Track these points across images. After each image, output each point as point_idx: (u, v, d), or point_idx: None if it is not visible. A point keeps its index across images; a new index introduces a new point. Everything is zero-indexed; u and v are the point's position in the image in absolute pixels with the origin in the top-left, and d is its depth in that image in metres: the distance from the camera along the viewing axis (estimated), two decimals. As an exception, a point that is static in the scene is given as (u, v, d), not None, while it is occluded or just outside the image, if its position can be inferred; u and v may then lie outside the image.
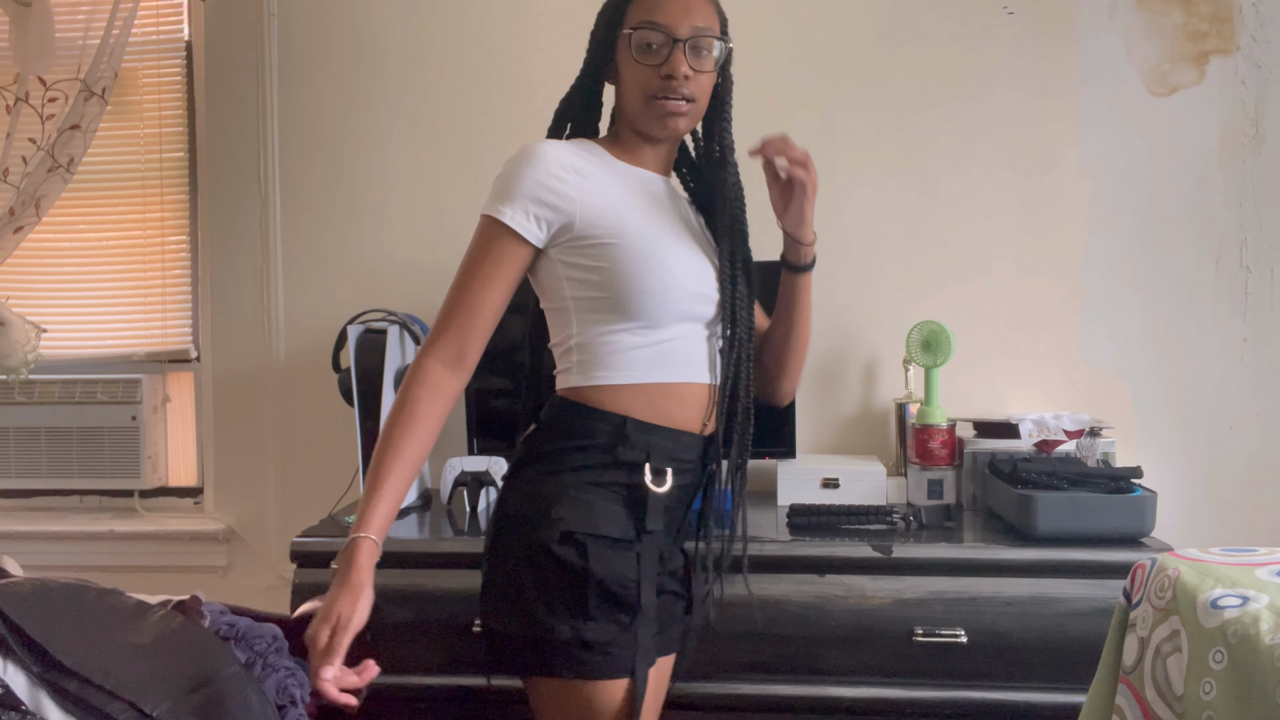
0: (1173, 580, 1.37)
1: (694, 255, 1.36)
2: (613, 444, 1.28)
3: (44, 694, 1.22)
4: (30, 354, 2.40)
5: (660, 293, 1.29)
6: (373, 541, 1.21)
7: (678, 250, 1.33)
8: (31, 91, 2.37)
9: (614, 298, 1.30)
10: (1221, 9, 2.30)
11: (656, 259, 1.29)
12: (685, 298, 1.32)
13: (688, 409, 1.33)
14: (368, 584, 1.19)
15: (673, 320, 1.32)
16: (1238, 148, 2.31)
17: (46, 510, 2.72)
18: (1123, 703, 1.43)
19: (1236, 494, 2.32)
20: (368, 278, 2.54)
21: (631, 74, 1.34)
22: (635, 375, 1.30)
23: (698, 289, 1.34)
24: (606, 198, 1.31)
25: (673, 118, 1.33)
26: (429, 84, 2.53)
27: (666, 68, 1.30)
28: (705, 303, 1.35)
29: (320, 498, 2.46)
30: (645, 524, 1.28)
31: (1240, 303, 2.31)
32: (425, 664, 1.92)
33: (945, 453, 2.16)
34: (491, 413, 2.34)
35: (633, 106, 1.36)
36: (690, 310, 1.34)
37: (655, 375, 1.31)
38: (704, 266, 1.37)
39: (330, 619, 1.15)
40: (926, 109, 2.38)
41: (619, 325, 1.31)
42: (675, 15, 1.30)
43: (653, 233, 1.31)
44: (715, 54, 1.34)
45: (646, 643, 1.26)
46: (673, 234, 1.35)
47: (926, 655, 1.81)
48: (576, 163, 1.31)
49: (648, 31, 1.31)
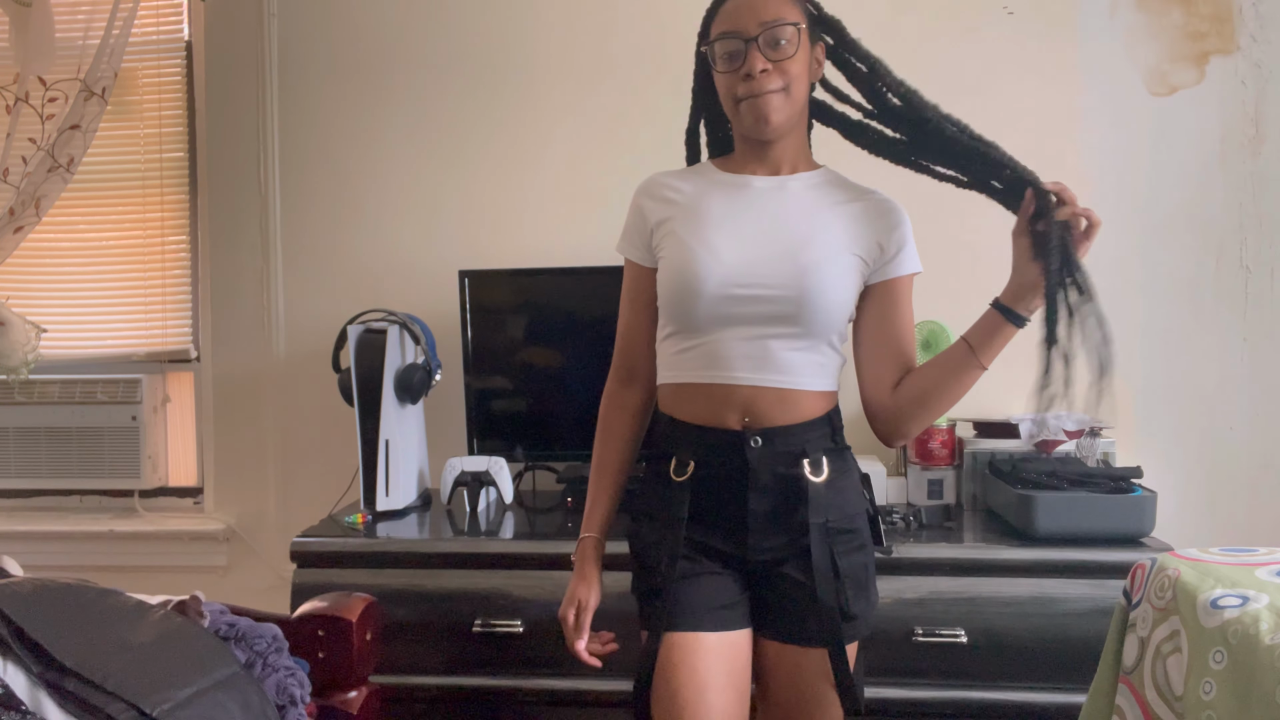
0: (1173, 580, 1.37)
1: (742, 257, 1.36)
2: (661, 437, 1.46)
3: (44, 694, 1.22)
4: (30, 354, 2.40)
5: (688, 302, 1.37)
6: (594, 539, 1.48)
7: (716, 255, 1.36)
8: (31, 91, 2.37)
9: (661, 304, 1.44)
10: (1221, 9, 2.30)
11: (684, 268, 1.38)
12: (710, 302, 1.36)
13: (716, 406, 1.38)
14: (596, 573, 1.47)
15: (703, 324, 1.38)
16: (1238, 148, 2.31)
17: (46, 510, 2.72)
18: (1123, 703, 1.43)
19: (1236, 494, 2.32)
20: (368, 278, 2.54)
21: (722, 85, 1.40)
22: (672, 376, 1.43)
23: (732, 291, 1.35)
24: (673, 213, 1.43)
25: (761, 107, 1.35)
26: (429, 84, 2.53)
27: (745, 68, 1.35)
28: (747, 303, 1.36)
29: (320, 498, 2.46)
30: (671, 508, 1.40)
31: (1240, 303, 2.31)
32: (425, 664, 1.92)
33: (945, 453, 2.16)
34: (491, 413, 2.34)
35: (730, 115, 1.42)
36: (724, 312, 1.36)
37: (686, 376, 1.41)
38: (755, 267, 1.36)
39: (574, 603, 1.45)
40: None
41: (666, 331, 1.44)
42: (744, 18, 1.35)
43: (695, 240, 1.38)
44: (795, 39, 1.35)
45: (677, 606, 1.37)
46: (726, 237, 1.38)
47: (926, 655, 1.81)
48: (664, 188, 1.46)
49: (724, 41, 1.37)
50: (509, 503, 2.23)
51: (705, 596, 1.38)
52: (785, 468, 1.37)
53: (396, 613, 1.90)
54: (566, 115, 2.48)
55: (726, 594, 1.40)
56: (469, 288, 2.32)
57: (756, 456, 1.36)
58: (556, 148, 2.49)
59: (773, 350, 1.37)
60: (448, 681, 1.92)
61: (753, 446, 1.36)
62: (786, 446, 1.37)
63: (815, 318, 1.36)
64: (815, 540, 1.35)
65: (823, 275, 1.36)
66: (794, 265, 1.35)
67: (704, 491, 1.39)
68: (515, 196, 2.51)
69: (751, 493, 1.37)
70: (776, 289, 1.35)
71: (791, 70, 1.35)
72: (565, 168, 2.49)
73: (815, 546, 1.35)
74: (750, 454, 1.36)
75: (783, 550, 1.39)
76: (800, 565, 1.37)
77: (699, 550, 1.40)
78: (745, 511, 1.38)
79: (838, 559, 1.37)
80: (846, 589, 1.36)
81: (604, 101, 2.47)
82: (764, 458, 1.37)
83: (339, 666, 1.58)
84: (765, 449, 1.37)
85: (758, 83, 1.34)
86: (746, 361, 1.37)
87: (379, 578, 1.93)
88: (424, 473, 2.35)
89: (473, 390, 2.33)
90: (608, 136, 2.45)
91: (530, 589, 1.90)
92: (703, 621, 1.37)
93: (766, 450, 1.37)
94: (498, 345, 2.34)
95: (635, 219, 1.47)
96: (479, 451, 2.32)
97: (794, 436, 1.37)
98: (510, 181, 2.51)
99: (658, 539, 1.41)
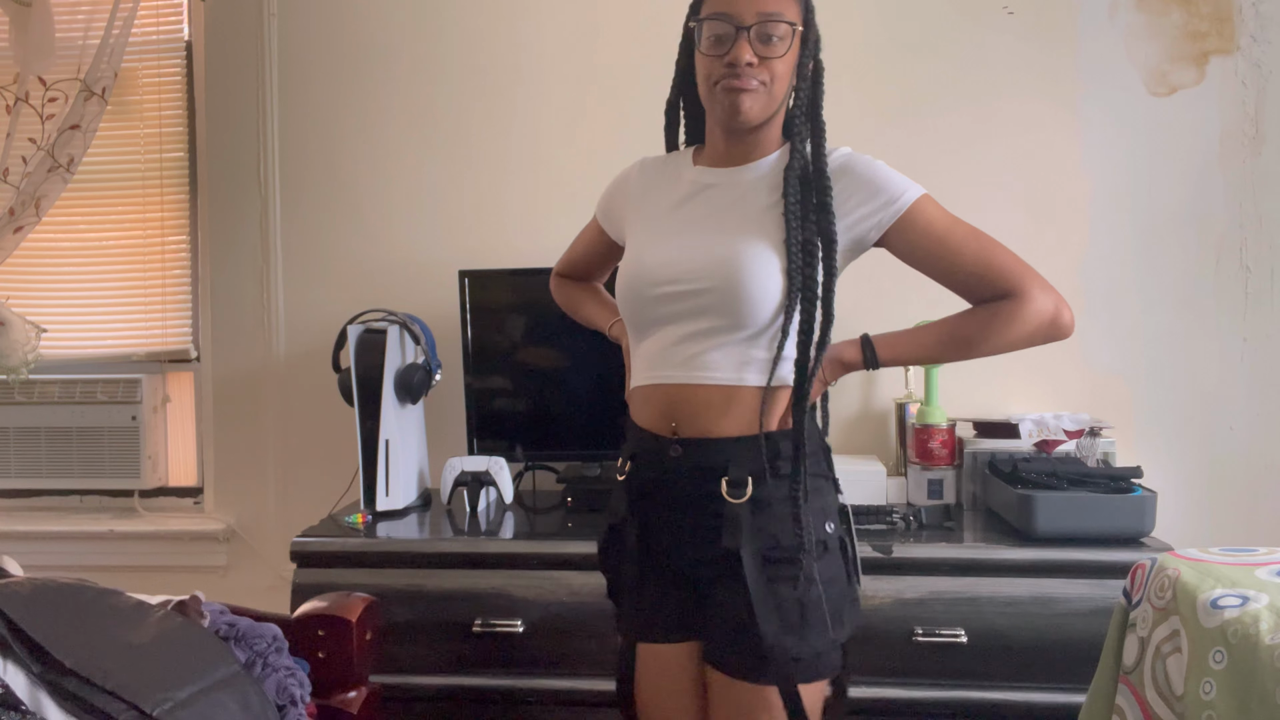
0: (1173, 580, 1.37)
1: (673, 254, 1.33)
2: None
3: (44, 694, 1.22)
4: (30, 354, 2.40)
5: (626, 302, 1.39)
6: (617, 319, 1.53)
7: (652, 255, 1.36)
8: (31, 91, 2.37)
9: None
10: (1221, 9, 2.30)
11: (626, 268, 1.39)
12: (644, 302, 1.35)
13: (652, 409, 1.36)
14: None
15: (646, 326, 1.37)
16: (1238, 148, 2.30)
17: (46, 510, 2.72)
18: (1123, 703, 1.43)
19: (1236, 494, 2.32)
20: (368, 278, 2.54)
21: (701, 66, 1.33)
22: (633, 379, 1.43)
23: (662, 289, 1.32)
24: (635, 209, 1.45)
25: (737, 94, 1.28)
26: (429, 84, 2.53)
27: (730, 56, 1.28)
28: (673, 300, 1.32)
29: (320, 498, 2.46)
30: (613, 506, 1.43)
31: (1240, 303, 2.31)
32: (425, 664, 1.92)
33: (945, 453, 2.16)
34: (491, 413, 2.34)
35: (704, 98, 1.35)
36: (656, 313, 1.34)
37: (637, 379, 1.41)
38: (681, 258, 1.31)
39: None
40: (926, 109, 2.38)
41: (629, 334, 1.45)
42: (741, 4, 1.28)
43: (639, 241, 1.40)
44: (788, 38, 1.29)
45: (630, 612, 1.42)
46: (664, 236, 1.37)
47: (926, 655, 1.81)
48: (641, 178, 1.47)
49: (715, 23, 1.29)
50: (509, 503, 2.23)
51: (653, 605, 1.39)
52: (704, 484, 1.30)
53: (396, 613, 1.90)
54: (566, 115, 2.48)
55: (671, 603, 1.38)
56: (469, 288, 2.32)
57: (675, 467, 1.31)
58: (557, 148, 2.49)
59: (702, 348, 1.31)
60: (448, 681, 1.92)
61: (671, 455, 1.31)
62: (707, 461, 1.30)
63: (741, 309, 1.28)
64: (749, 568, 1.26)
65: (748, 266, 1.28)
66: (720, 258, 1.29)
67: (640, 494, 1.38)
68: (515, 196, 2.50)
69: (671, 504, 1.34)
70: (698, 281, 1.30)
71: (777, 69, 1.29)
72: (565, 168, 2.48)
73: (750, 577, 1.26)
74: (668, 462, 1.32)
75: (707, 569, 1.32)
76: (728, 590, 1.29)
77: (643, 553, 1.39)
78: (675, 520, 1.35)
79: (773, 589, 1.26)
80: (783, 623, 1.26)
81: (604, 101, 2.47)
82: (684, 469, 1.31)
83: (339, 666, 1.58)
84: (684, 460, 1.31)
85: (741, 73, 1.28)
86: (675, 359, 1.32)
87: (379, 578, 1.93)
88: (424, 473, 2.35)
89: (473, 390, 2.33)
90: (608, 136, 2.45)
91: (530, 589, 1.90)
92: (653, 632, 1.40)
93: (685, 461, 1.31)
94: (498, 345, 2.34)
95: (612, 202, 1.52)
96: (479, 451, 2.32)
97: (718, 452, 1.30)
98: (510, 181, 2.51)
99: (602, 536, 1.45)
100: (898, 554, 1.84)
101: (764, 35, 1.28)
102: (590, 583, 1.87)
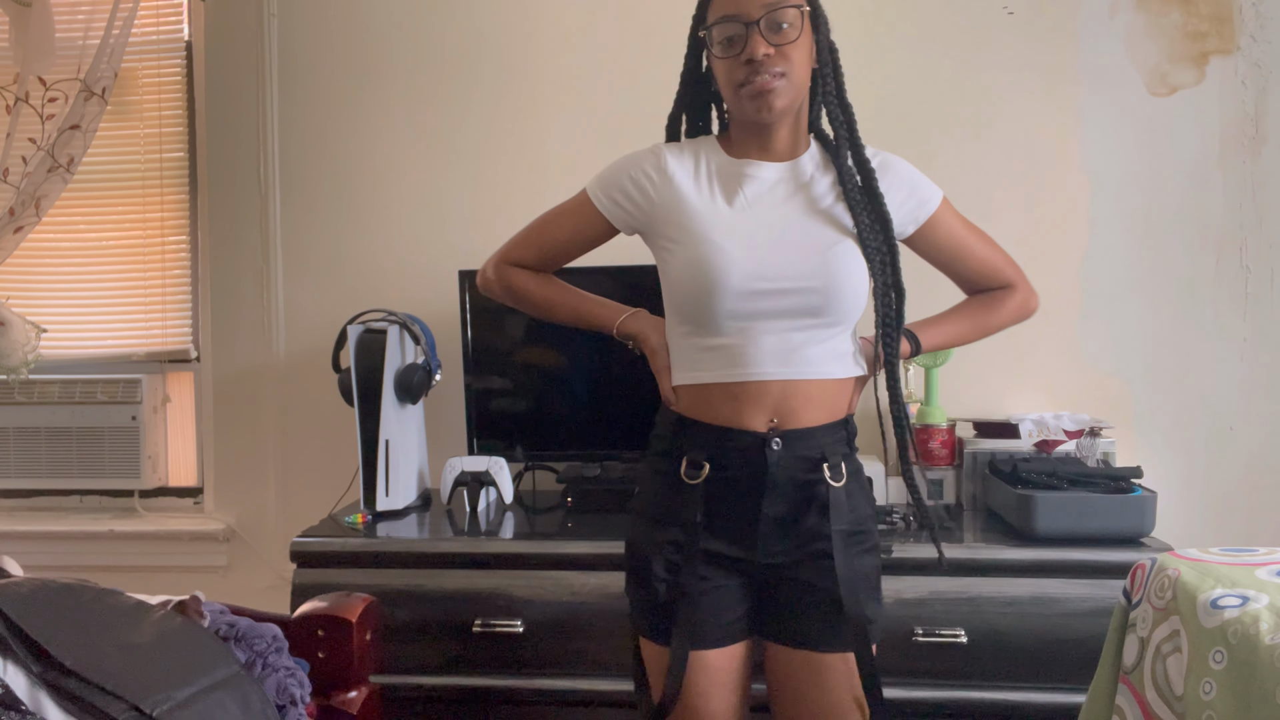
0: (1173, 580, 1.37)
1: (763, 252, 1.33)
2: (670, 435, 1.41)
3: (44, 694, 1.22)
4: (30, 354, 2.40)
5: (703, 299, 1.34)
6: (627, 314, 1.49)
7: (736, 251, 1.33)
8: (31, 91, 2.37)
9: (672, 302, 1.41)
10: (1221, 9, 2.30)
11: (702, 264, 1.34)
12: (733, 299, 1.33)
13: (740, 406, 1.35)
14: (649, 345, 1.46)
15: (724, 322, 1.35)
16: (1238, 148, 2.31)
17: (46, 510, 2.72)
18: (1123, 703, 1.43)
19: (1236, 494, 2.32)
20: (368, 278, 2.54)
21: (721, 70, 1.37)
22: (695, 377, 1.39)
23: (760, 285, 1.32)
24: (684, 203, 1.39)
25: (765, 96, 1.32)
26: (429, 83, 2.53)
27: (746, 53, 1.31)
28: (771, 297, 1.33)
29: (320, 498, 2.46)
30: (681, 512, 1.37)
31: (1240, 303, 2.31)
32: (425, 664, 1.92)
33: (945, 453, 2.16)
34: (491, 413, 2.34)
35: (730, 100, 1.38)
36: (746, 308, 1.33)
37: (712, 376, 1.37)
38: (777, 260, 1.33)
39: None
40: (926, 109, 2.38)
41: (678, 328, 1.41)
42: (744, 1, 1.31)
43: (715, 236, 1.35)
44: (799, 23, 1.33)
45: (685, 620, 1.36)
46: (744, 232, 1.35)
47: (926, 655, 1.81)
48: (673, 167, 1.41)
49: (723, 25, 1.33)
50: (509, 503, 2.23)
51: (709, 613, 1.37)
52: (804, 473, 1.36)
53: (396, 613, 1.90)
54: (566, 115, 2.48)
55: (730, 608, 1.38)
56: (469, 288, 2.31)
57: (776, 460, 1.34)
58: (556, 147, 2.49)
59: (800, 343, 1.35)
60: (448, 681, 1.92)
61: (773, 449, 1.34)
62: (806, 450, 1.35)
63: (842, 306, 1.35)
64: (838, 548, 1.34)
65: (845, 263, 1.34)
66: (818, 257, 1.34)
67: (715, 495, 1.37)
68: (515, 196, 2.50)
69: (767, 497, 1.35)
70: (801, 280, 1.33)
71: (794, 55, 1.33)
72: (565, 167, 2.48)
73: (839, 554, 1.33)
74: (770, 456, 1.34)
75: (792, 554, 1.37)
76: (817, 570, 1.35)
77: (705, 558, 1.37)
78: (758, 516, 1.36)
79: (855, 563, 1.36)
80: (862, 592, 1.35)
81: (604, 100, 2.47)
82: (783, 461, 1.34)
83: (339, 666, 1.58)
84: (785, 452, 1.34)
85: (761, 66, 1.31)
86: (775, 356, 1.34)
87: (379, 578, 1.93)
88: (424, 473, 2.35)
89: (473, 390, 2.33)
90: (608, 136, 2.45)
91: (530, 589, 1.90)
92: (706, 640, 1.37)
93: (786, 454, 1.34)
94: (498, 345, 2.34)
95: (632, 186, 1.42)
96: (479, 451, 2.32)
97: (814, 440, 1.36)
98: (510, 181, 2.51)
99: (663, 542, 1.38)
100: (898, 554, 1.84)
101: (774, 24, 1.31)
102: (590, 583, 1.87)
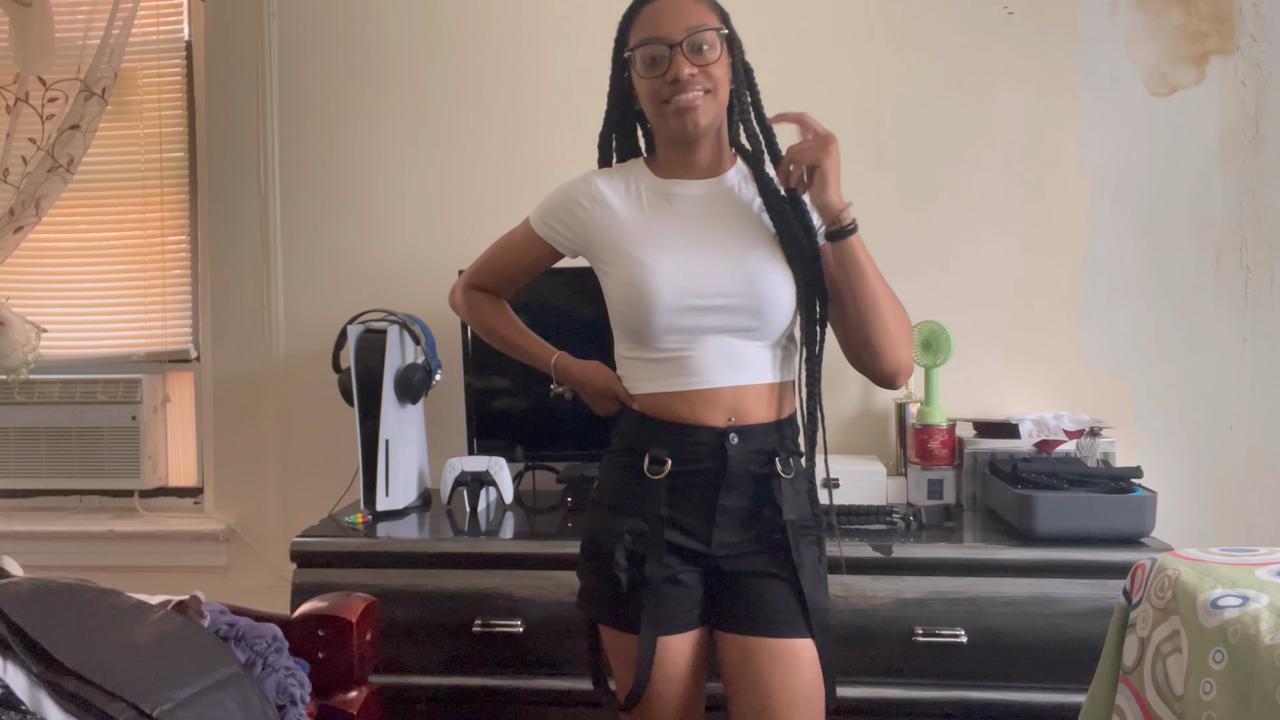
0: (1173, 580, 1.37)
1: (693, 268, 1.39)
2: (633, 433, 1.46)
3: (44, 694, 1.22)
4: (30, 354, 2.40)
5: (641, 317, 1.40)
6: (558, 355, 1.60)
7: (666, 269, 1.39)
8: (31, 91, 2.37)
9: (615, 321, 1.47)
10: (1221, 9, 2.30)
11: (636, 284, 1.40)
12: (669, 316, 1.38)
13: (698, 408, 1.41)
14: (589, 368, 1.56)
15: (664, 337, 1.40)
16: (1238, 148, 2.31)
17: (46, 510, 2.72)
18: (1123, 703, 1.43)
19: (1236, 494, 2.32)
20: (368, 278, 2.54)
21: (644, 89, 1.42)
22: (649, 387, 1.45)
23: (694, 302, 1.38)
24: (617, 226, 1.45)
25: (690, 112, 1.38)
26: (429, 84, 2.53)
27: (670, 73, 1.37)
28: (707, 313, 1.38)
29: (320, 498, 2.46)
30: (644, 505, 1.41)
31: (1240, 303, 2.31)
32: (425, 664, 1.92)
33: (945, 453, 2.16)
34: (491, 413, 2.34)
35: (653, 118, 1.44)
36: (683, 324, 1.39)
37: (665, 386, 1.43)
38: (711, 274, 1.39)
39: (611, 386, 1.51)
40: (926, 109, 2.38)
41: (625, 343, 1.47)
42: (667, 23, 1.38)
43: (646, 256, 1.41)
44: (718, 44, 1.39)
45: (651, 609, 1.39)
46: (676, 249, 1.40)
47: (926, 655, 1.81)
48: (604, 193, 1.47)
49: (647, 48, 1.39)
50: (509, 503, 2.23)
51: (672, 600, 1.41)
52: (759, 466, 1.41)
53: (396, 613, 1.90)
54: (565, 115, 2.48)
55: (689, 597, 1.43)
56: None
57: (734, 453, 1.39)
58: (556, 148, 2.49)
59: (744, 351, 1.41)
60: (448, 681, 1.92)
61: (732, 443, 1.39)
62: (760, 445, 1.41)
63: (774, 322, 1.40)
64: (794, 537, 1.40)
65: (773, 280, 1.39)
66: (743, 272, 1.39)
67: (676, 488, 1.41)
68: (515, 197, 2.50)
69: (724, 489, 1.40)
70: (733, 297, 1.38)
71: (715, 74, 1.39)
72: (564, 168, 2.46)
73: (794, 543, 1.39)
74: (730, 450, 1.39)
75: (747, 545, 1.41)
76: (773, 560, 1.40)
77: (667, 549, 1.41)
78: (715, 508, 1.40)
79: (806, 552, 1.42)
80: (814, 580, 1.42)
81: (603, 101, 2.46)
82: (740, 455, 1.39)
83: (339, 666, 1.58)
84: (742, 445, 1.39)
85: (685, 86, 1.36)
86: (723, 365, 1.40)
87: (379, 578, 1.93)
88: (424, 473, 2.35)
89: (473, 390, 2.33)
90: (608, 136, 2.45)
91: (530, 589, 1.90)
92: (669, 626, 1.42)
93: (744, 447, 1.40)
94: (498, 345, 2.34)
95: (565, 214, 1.50)
96: (479, 451, 2.32)
97: (768, 435, 1.42)
98: (510, 181, 2.51)
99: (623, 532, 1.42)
100: (898, 554, 1.84)
101: (695, 46, 1.37)
102: (590, 583, 1.87)
